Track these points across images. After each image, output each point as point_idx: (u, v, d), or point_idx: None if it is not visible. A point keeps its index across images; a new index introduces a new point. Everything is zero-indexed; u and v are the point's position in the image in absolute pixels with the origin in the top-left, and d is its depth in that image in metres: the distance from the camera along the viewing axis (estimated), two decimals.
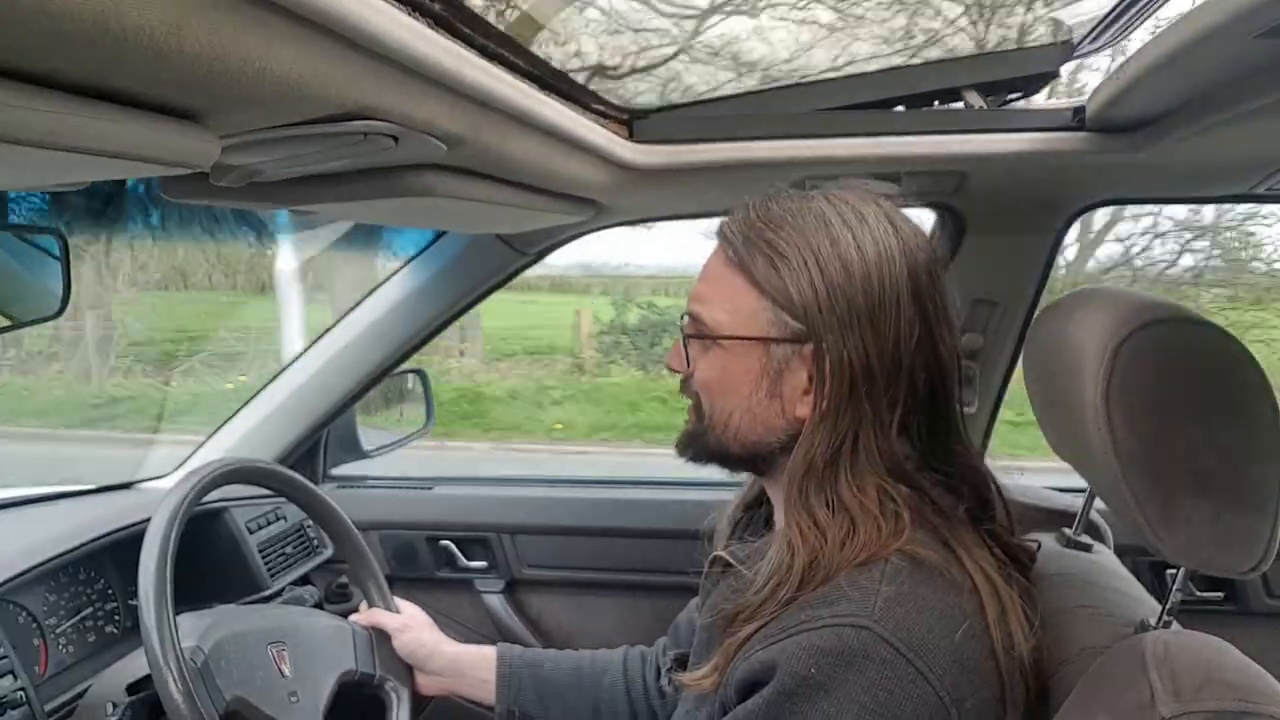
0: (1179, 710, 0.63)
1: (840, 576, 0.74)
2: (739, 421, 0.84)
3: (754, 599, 0.77)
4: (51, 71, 0.49)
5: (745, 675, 0.74)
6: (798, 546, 0.76)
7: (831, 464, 0.78)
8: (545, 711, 1.17)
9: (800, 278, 0.78)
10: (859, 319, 0.77)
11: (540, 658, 1.21)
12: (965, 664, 0.72)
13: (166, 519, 1.04)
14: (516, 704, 1.17)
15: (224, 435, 1.60)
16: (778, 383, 0.82)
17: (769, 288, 0.80)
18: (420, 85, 0.67)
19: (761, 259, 0.80)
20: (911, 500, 0.78)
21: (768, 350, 0.81)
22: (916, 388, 0.80)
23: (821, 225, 0.79)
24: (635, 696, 1.18)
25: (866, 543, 0.75)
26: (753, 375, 0.82)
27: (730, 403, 0.84)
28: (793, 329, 0.79)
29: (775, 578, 0.77)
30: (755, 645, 0.74)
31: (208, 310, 10.00)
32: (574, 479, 1.96)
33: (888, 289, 0.77)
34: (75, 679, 1.16)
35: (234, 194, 0.89)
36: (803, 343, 0.79)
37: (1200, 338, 0.74)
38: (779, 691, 0.71)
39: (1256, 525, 0.71)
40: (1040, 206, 1.35)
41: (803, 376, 0.81)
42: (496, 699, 1.18)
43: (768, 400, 0.82)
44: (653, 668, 1.19)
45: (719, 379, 0.85)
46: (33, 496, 1.38)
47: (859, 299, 0.77)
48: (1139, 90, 0.89)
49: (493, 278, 1.54)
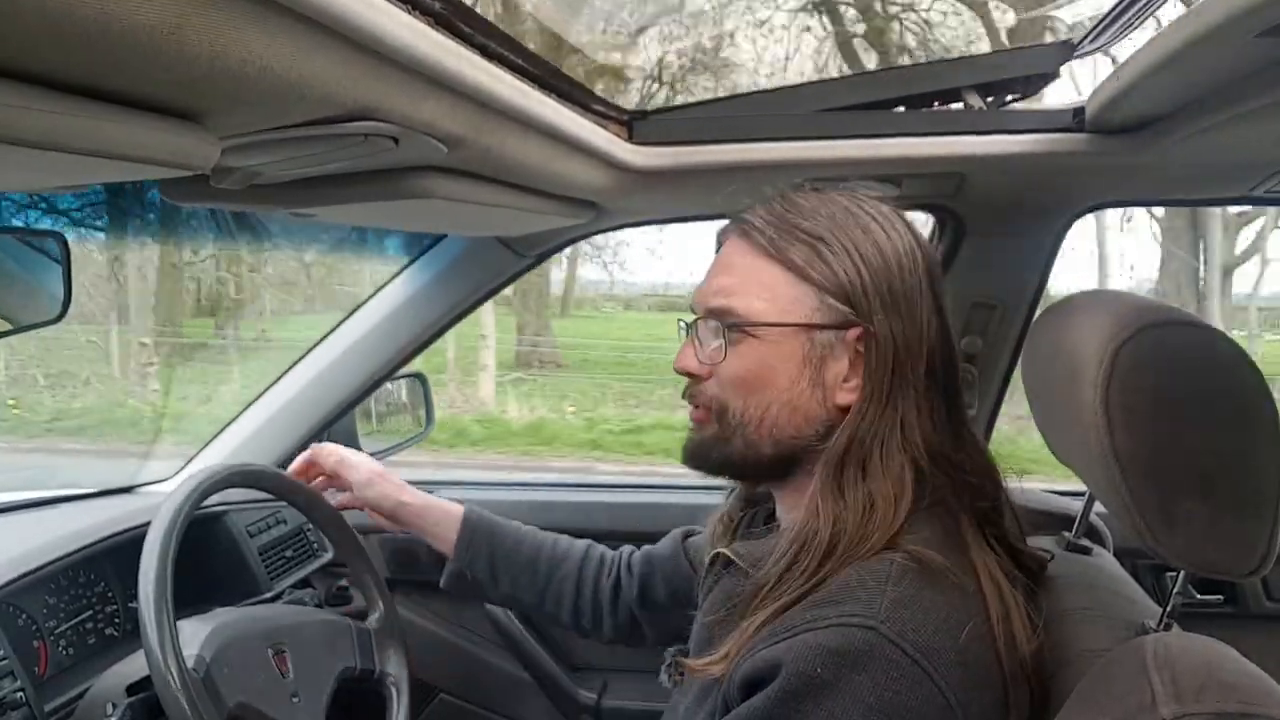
0: (1180, 712, 0.62)
1: (847, 574, 0.74)
2: (776, 415, 0.83)
3: (774, 571, 0.77)
4: (51, 72, 0.49)
5: (749, 673, 0.74)
6: (825, 523, 0.77)
7: (876, 444, 0.79)
8: (494, 582, 1.21)
9: (844, 262, 0.80)
10: (899, 303, 0.80)
11: (503, 531, 1.23)
12: (970, 666, 0.72)
13: (167, 522, 1.04)
14: (469, 567, 1.21)
15: (225, 439, 1.60)
16: (820, 370, 0.82)
17: (814, 273, 0.81)
18: (421, 85, 0.67)
19: (801, 246, 0.81)
20: (937, 487, 0.79)
21: (811, 338, 0.81)
22: (937, 374, 0.82)
23: (851, 216, 0.82)
24: (583, 594, 1.20)
25: (882, 523, 0.76)
26: (794, 364, 0.82)
27: (767, 396, 0.83)
28: (840, 313, 0.80)
29: (796, 545, 0.77)
30: (760, 642, 0.74)
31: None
32: (575, 483, 1.96)
33: (915, 276, 0.81)
34: (75, 680, 1.16)
35: (234, 196, 0.89)
36: (848, 328, 0.80)
37: (1199, 341, 0.74)
38: (784, 690, 0.70)
39: (1256, 528, 0.71)
40: (1039, 208, 1.35)
41: (844, 363, 0.81)
42: (451, 556, 1.22)
43: (810, 390, 0.82)
44: (609, 571, 1.21)
45: (755, 372, 0.83)
46: (34, 500, 1.38)
47: (897, 284, 0.80)
48: (1138, 91, 0.89)
49: (493, 281, 1.54)
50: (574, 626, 1.22)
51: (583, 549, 1.23)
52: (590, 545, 1.24)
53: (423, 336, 1.57)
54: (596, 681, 1.70)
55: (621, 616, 1.20)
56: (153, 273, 8.58)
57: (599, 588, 1.20)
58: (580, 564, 1.22)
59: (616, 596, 1.20)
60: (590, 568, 1.21)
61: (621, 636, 1.22)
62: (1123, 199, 1.45)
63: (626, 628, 1.21)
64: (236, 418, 1.61)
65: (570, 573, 1.21)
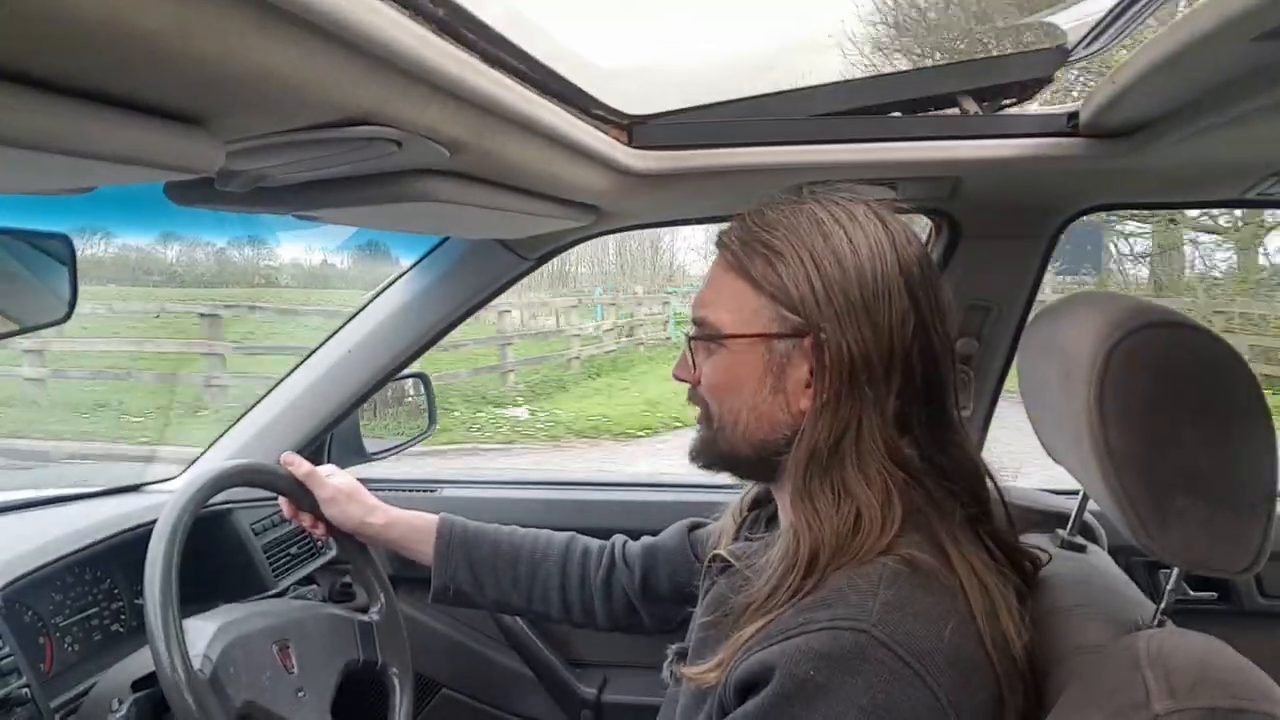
0: (1173, 708, 0.63)
1: (839, 578, 0.75)
2: (746, 420, 0.86)
3: (763, 588, 0.79)
4: (57, 76, 0.50)
5: (743, 676, 0.75)
6: (803, 534, 0.78)
7: (835, 452, 0.80)
8: (480, 591, 1.22)
9: (796, 273, 0.81)
10: (855, 310, 0.80)
11: (479, 540, 1.23)
12: (962, 666, 0.72)
13: (173, 520, 1.05)
14: (451, 581, 1.21)
15: (230, 438, 1.61)
16: (781, 378, 0.84)
17: (767, 285, 0.83)
18: (423, 91, 0.68)
19: (759, 259, 0.84)
20: (913, 494, 0.80)
21: (770, 346, 0.84)
22: (914, 378, 0.82)
23: (814, 225, 0.83)
24: (569, 589, 1.21)
25: (870, 531, 0.77)
26: (757, 373, 0.85)
27: (737, 402, 0.87)
28: (792, 323, 0.82)
29: (784, 564, 0.78)
30: (754, 646, 0.75)
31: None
32: (578, 481, 1.97)
33: (880, 281, 0.80)
34: (80, 676, 1.17)
35: (238, 199, 0.90)
36: (802, 336, 0.82)
37: (1192, 341, 0.75)
38: (778, 694, 0.71)
39: (1249, 525, 0.71)
40: (1034, 211, 1.36)
41: (804, 370, 0.83)
42: (433, 574, 1.22)
43: (772, 396, 0.85)
44: (597, 563, 1.22)
45: (725, 380, 0.87)
46: (40, 499, 1.39)
47: (854, 291, 0.80)
48: (1133, 95, 0.90)
49: (495, 282, 1.55)
50: (566, 620, 1.23)
51: (563, 543, 1.24)
52: (572, 538, 1.24)
53: (425, 337, 1.58)
54: (597, 677, 1.72)
55: (617, 605, 1.21)
56: None
57: (586, 581, 1.21)
58: (563, 560, 1.22)
59: (609, 587, 1.21)
60: (574, 562, 1.22)
61: (618, 625, 1.23)
62: (1117, 202, 1.46)
63: (623, 616, 1.22)
64: (242, 417, 1.62)
65: (553, 571, 1.21)
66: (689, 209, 1.45)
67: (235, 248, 16.22)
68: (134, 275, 15.29)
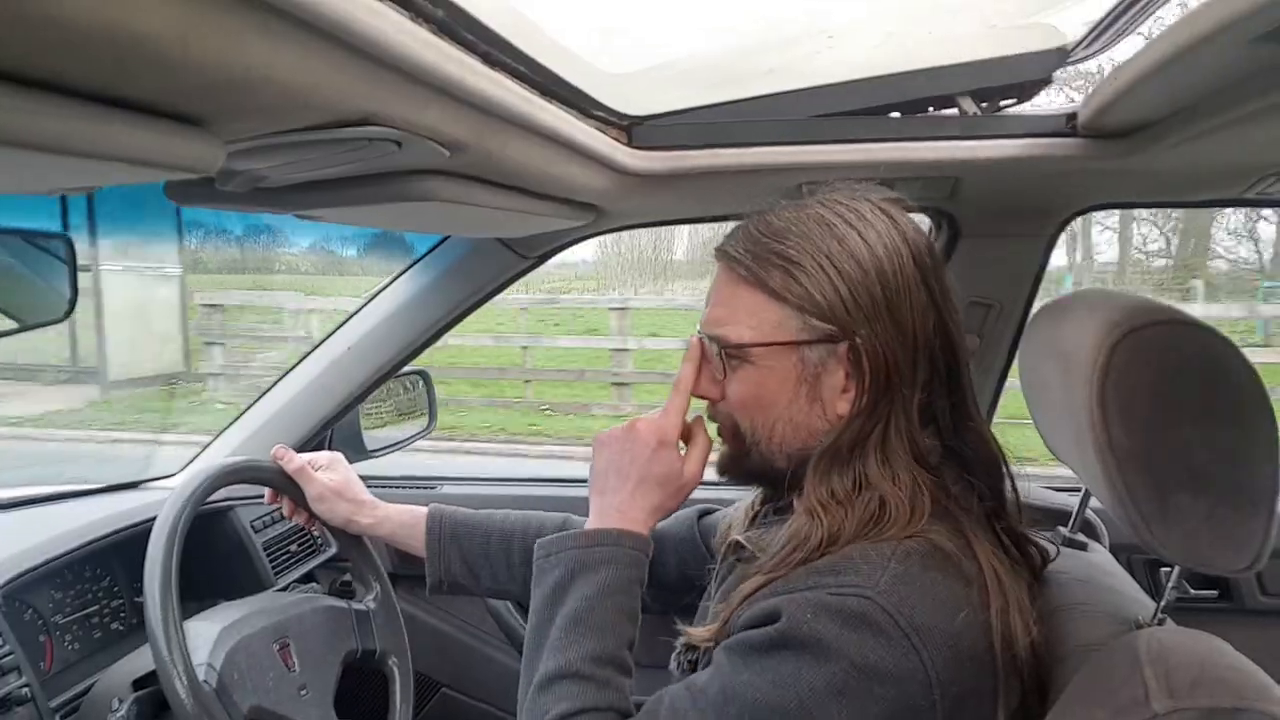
0: (1173, 707, 0.63)
1: (854, 549, 0.76)
2: (783, 432, 0.86)
3: (767, 563, 0.80)
4: (59, 77, 0.50)
5: (752, 616, 0.77)
6: (820, 518, 0.79)
7: (859, 446, 0.81)
8: (475, 580, 1.20)
9: (820, 281, 0.81)
10: (880, 309, 0.81)
11: (469, 530, 1.21)
12: (961, 651, 0.73)
13: (172, 518, 1.05)
14: (445, 575, 1.20)
15: (230, 435, 1.61)
16: (816, 386, 0.84)
17: (791, 297, 0.82)
18: (423, 92, 0.68)
19: (777, 271, 0.83)
20: (935, 489, 0.80)
21: (801, 356, 0.84)
22: (938, 368, 0.83)
23: (825, 228, 0.83)
24: None
25: (896, 519, 0.77)
26: (790, 383, 0.85)
27: (771, 415, 0.86)
28: (824, 330, 0.82)
29: (792, 543, 0.79)
30: (760, 597, 0.77)
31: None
32: (579, 478, 1.97)
33: (899, 277, 0.81)
34: (81, 675, 1.17)
35: (239, 199, 0.90)
36: (837, 342, 0.82)
37: (1194, 339, 0.75)
38: (780, 632, 0.73)
39: (1251, 524, 0.72)
40: (1033, 211, 1.36)
41: (839, 376, 0.83)
42: (427, 569, 1.20)
43: (808, 406, 0.85)
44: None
45: (755, 394, 0.86)
46: (40, 496, 1.39)
47: (877, 290, 0.81)
48: (1132, 96, 0.89)
49: (495, 281, 1.56)
50: None
51: (556, 525, 1.21)
52: (567, 518, 1.22)
53: (426, 335, 1.58)
54: None
55: None
56: None
57: None
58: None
59: None
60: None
61: None
62: (1115, 201, 1.45)
63: None
64: (241, 414, 1.63)
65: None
66: (688, 208, 1.45)
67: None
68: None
